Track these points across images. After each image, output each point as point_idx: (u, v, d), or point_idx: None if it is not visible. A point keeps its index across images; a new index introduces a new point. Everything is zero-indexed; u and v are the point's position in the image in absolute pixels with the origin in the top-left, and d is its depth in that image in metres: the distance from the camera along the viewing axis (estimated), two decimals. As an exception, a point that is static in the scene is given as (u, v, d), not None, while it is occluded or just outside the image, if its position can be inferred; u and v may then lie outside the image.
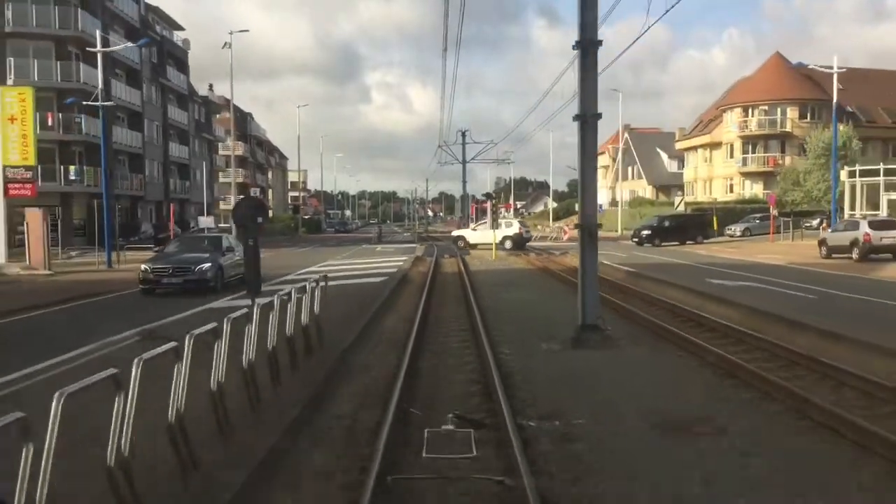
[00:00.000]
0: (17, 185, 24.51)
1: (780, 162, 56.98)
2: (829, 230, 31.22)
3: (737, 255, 31.81)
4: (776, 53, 62.56)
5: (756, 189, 59.16)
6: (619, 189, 74.32)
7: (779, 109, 58.56)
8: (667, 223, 42.63)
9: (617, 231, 55.19)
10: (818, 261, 28.11)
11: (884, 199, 33.43)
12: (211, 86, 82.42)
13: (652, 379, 9.17)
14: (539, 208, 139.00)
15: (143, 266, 19.18)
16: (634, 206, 67.25)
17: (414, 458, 6.17)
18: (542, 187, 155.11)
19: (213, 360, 5.97)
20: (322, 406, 7.75)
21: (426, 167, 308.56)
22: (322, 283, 10.69)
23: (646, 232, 41.65)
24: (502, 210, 56.19)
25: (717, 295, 16.34)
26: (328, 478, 5.71)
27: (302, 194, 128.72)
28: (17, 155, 24.40)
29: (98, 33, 31.05)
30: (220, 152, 77.36)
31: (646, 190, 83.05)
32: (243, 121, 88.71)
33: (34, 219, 24.76)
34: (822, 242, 30.41)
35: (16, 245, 27.77)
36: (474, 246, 39.46)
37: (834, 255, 28.57)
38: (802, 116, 58.21)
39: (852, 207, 34.97)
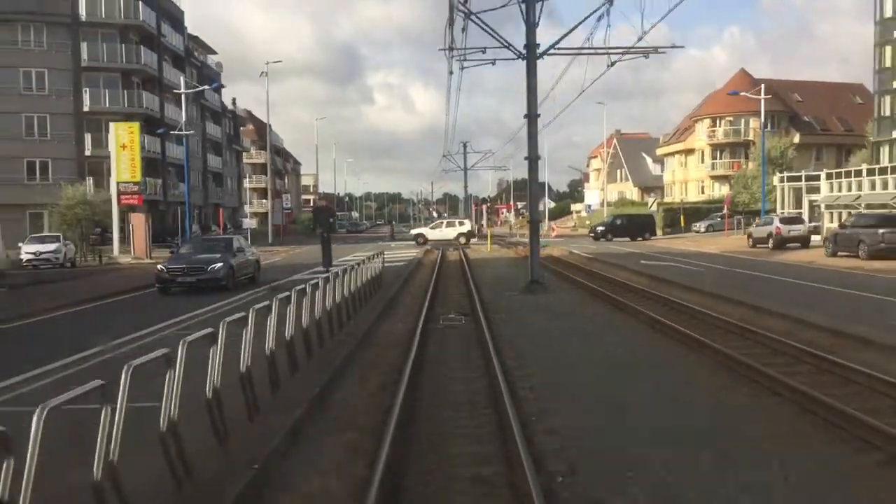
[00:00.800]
0: (127, 196, 32.55)
1: (744, 167, 64.80)
2: (755, 225, 39.13)
3: (687, 247, 39.73)
4: (741, 70, 70.46)
5: (723, 191, 66.95)
6: (606, 191, 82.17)
7: (742, 120, 66.44)
8: (619, 222, 51.12)
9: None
10: (745, 249, 35.93)
11: (805, 199, 41.26)
12: (234, 101, 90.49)
13: (559, 302, 17.11)
14: (548, 207, 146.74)
15: (158, 266, 20.57)
16: (618, 206, 75.11)
17: (436, 324, 14.08)
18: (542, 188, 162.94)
19: (300, 307, 13.87)
20: (391, 308, 15.74)
21: (429, 168, 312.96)
22: (380, 257, 18.67)
23: (600, 228, 50.50)
24: (484, 209, 63.97)
25: (637, 269, 24.19)
26: (406, 322, 13.64)
27: (314, 197, 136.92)
28: (127, 173, 32.48)
29: (182, 79, 40.12)
30: (245, 161, 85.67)
31: (632, 191, 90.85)
32: (264, 131, 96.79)
33: (138, 220, 32.81)
34: (749, 235, 38.38)
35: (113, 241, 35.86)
36: (432, 241, 47.84)
37: (758, 245, 36.38)
38: (763, 126, 65.85)
39: (782, 207, 42.78)
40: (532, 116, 19.42)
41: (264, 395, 7.16)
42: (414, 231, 56.26)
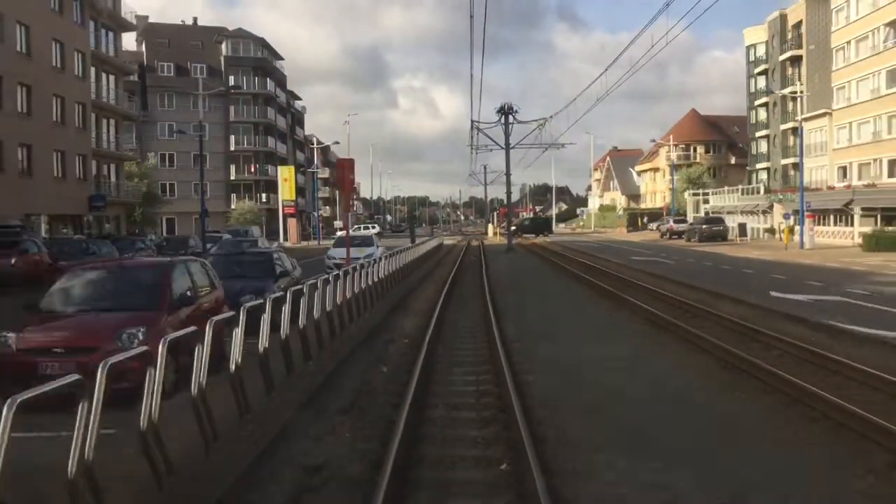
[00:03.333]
0: (287, 208, 56.82)
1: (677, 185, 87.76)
2: (662, 224, 62.50)
3: (624, 237, 63.15)
4: (692, 109, 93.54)
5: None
6: (596, 199, 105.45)
7: (692, 147, 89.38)
8: (526, 223, 74.78)
9: (590, 228, 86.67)
10: (657, 239, 59.25)
11: (702, 208, 64.35)
12: (316, 140, 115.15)
13: (517, 257, 40.91)
14: (554, 211, 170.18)
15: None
16: (603, 211, 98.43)
17: (468, 257, 37.89)
18: (560, 192, 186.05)
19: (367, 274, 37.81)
20: (437, 265, 39.72)
21: (455, 170, 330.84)
22: (440, 241, 42.68)
23: (513, 228, 73.82)
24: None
25: (570, 245, 47.71)
26: (445, 269, 37.53)
27: (355, 202, 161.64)
28: (287, 195, 56.80)
29: (317, 161, 63.58)
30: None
31: (620, 199, 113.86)
32: (325, 150, 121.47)
33: (293, 222, 57.07)
34: (658, 229, 61.78)
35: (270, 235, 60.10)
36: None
37: (662, 237, 59.73)
38: (707, 151, 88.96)
39: (691, 212, 65.81)
40: (507, 174, 43.21)
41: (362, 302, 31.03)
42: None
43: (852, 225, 40.12)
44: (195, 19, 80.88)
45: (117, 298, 9.19)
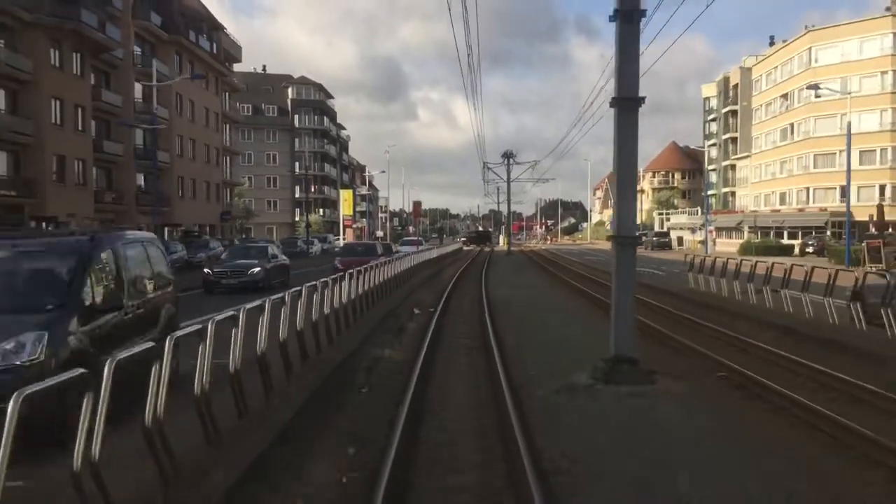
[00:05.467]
0: (347, 222, 75.75)
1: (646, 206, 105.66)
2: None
3: (604, 247, 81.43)
4: (672, 142, 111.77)
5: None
6: (596, 215, 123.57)
7: (670, 174, 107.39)
8: (473, 235, 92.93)
9: (586, 240, 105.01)
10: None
11: (665, 224, 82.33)
12: (368, 172, 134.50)
13: (514, 257, 59.41)
14: (564, 224, 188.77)
15: (205, 270, 23.13)
16: (597, 226, 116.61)
17: (476, 258, 56.50)
18: (568, 207, 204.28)
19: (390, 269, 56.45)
20: (461, 257, 58.44)
21: (473, 182, 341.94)
22: (460, 246, 61.37)
23: (462, 239, 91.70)
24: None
25: (557, 251, 66.04)
26: (467, 258, 56.16)
27: (382, 215, 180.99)
28: (347, 211, 75.74)
29: (382, 206, 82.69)
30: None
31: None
32: (362, 169, 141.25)
33: (350, 233, 75.99)
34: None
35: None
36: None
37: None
38: (683, 177, 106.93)
39: (657, 227, 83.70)
40: (508, 200, 61.74)
41: (387, 288, 49.70)
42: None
43: (742, 238, 58.19)
44: (265, 66, 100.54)
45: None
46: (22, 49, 35.35)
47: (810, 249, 48.07)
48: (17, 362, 6.05)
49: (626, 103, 9.68)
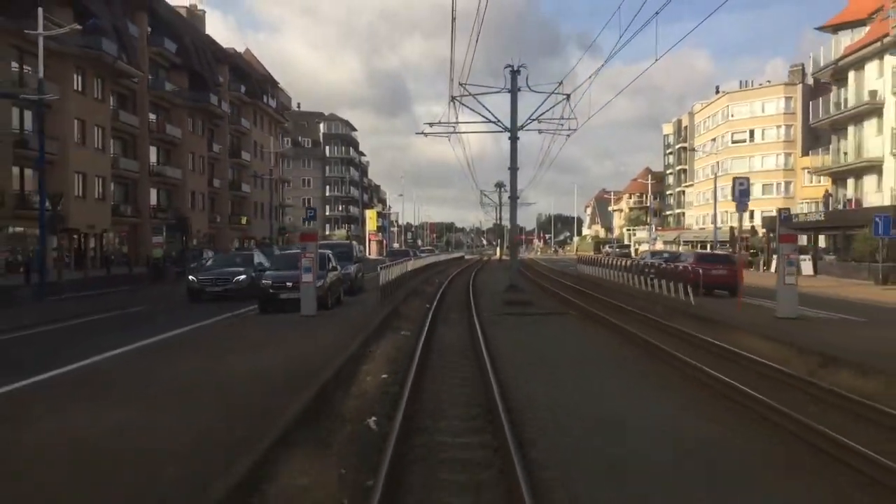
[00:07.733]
0: (373, 236, 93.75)
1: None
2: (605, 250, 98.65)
3: (571, 256, 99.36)
4: (647, 167, 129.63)
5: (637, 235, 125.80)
6: (585, 230, 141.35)
7: (643, 196, 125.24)
8: (436, 251, 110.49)
9: (573, 251, 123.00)
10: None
11: (632, 238, 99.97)
12: (388, 197, 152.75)
13: (505, 264, 77.30)
14: (560, 238, 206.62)
15: (190, 277, 23.35)
16: (583, 239, 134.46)
17: (476, 264, 74.38)
18: (567, 222, 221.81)
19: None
20: (465, 263, 76.49)
21: (476, 197, 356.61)
22: (462, 255, 79.25)
23: (426, 252, 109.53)
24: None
25: (544, 261, 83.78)
26: (468, 263, 74.09)
27: (394, 229, 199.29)
28: (373, 226, 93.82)
29: (393, 221, 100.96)
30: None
31: (601, 231, 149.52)
32: (377, 189, 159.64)
33: (374, 244, 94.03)
34: (606, 253, 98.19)
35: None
36: None
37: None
38: (655, 199, 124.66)
39: (627, 241, 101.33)
40: (512, 221, 79.52)
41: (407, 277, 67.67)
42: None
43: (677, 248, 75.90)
44: (299, 104, 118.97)
45: None
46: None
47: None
48: (348, 272, 24.78)
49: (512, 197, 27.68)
